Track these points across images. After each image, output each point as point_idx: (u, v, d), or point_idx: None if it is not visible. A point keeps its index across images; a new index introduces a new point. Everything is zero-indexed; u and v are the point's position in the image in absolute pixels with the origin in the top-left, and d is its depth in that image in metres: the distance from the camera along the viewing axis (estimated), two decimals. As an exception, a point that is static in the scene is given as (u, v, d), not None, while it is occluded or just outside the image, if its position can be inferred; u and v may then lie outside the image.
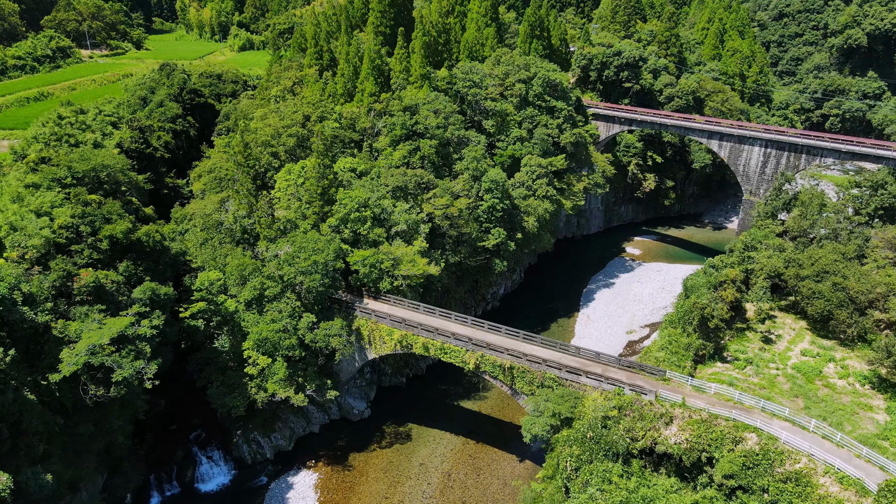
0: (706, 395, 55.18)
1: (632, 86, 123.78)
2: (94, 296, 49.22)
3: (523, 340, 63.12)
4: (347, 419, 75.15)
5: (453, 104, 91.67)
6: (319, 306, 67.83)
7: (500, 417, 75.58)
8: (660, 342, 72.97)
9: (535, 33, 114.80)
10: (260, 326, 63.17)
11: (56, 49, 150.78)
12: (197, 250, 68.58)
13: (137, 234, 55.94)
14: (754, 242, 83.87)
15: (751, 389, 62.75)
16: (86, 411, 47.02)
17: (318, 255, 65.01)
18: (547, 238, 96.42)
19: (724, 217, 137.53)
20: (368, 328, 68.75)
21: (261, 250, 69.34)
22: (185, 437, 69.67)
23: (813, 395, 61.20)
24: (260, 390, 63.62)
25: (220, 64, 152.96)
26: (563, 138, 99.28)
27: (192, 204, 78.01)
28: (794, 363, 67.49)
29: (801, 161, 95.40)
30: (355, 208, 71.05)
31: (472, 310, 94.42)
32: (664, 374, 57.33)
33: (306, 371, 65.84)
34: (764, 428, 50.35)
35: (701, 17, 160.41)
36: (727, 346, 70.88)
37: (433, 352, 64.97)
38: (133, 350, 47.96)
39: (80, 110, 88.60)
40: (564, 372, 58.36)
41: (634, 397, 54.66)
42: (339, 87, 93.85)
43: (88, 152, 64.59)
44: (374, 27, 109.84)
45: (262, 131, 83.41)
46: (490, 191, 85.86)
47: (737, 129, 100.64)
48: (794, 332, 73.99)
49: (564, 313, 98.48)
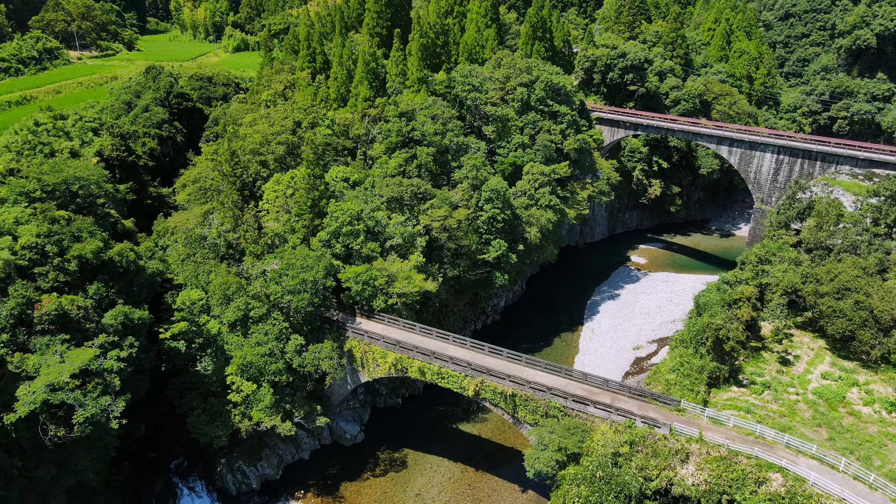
0: (725, 428, 50.98)
1: (637, 89, 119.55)
2: (57, 324, 45.01)
3: (526, 365, 58.99)
4: (340, 444, 70.92)
5: (452, 109, 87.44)
6: (309, 327, 63.62)
7: (502, 442, 71.39)
8: (670, 363, 68.92)
9: (537, 34, 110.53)
10: (244, 350, 58.96)
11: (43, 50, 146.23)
12: (178, 267, 64.31)
13: (109, 254, 51.67)
14: (768, 255, 79.71)
15: (770, 417, 58.65)
16: (47, 452, 42.82)
17: (307, 272, 60.86)
18: (550, 249, 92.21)
19: (731, 224, 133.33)
20: (361, 350, 64.53)
21: (246, 267, 65.10)
22: (165, 465, 65.44)
23: (837, 424, 57.11)
24: (244, 418, 59.40)
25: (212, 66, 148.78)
26: (566, 144, 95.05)
27: (176, 216, 73.77)
28: (815, 387, 63.42)
29: (815, 168, 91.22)
30: (347, 221, 66.84)
31: (472, 323, 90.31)
32: (678, 403, 53.14)
33: (294, 397, 61.63)
34: (790, 467, 46.20)
35: (707, 17, 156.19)
36: (742, 368, 66.81)
37: (430, 377, 60.76)
38: (100, 384, 43.72)
39: (59, 116, 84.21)
40: (570, 401, 54.17)
41: (647, 431, 50.48)
42: (332, 91, 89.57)
43: (61, 163, 60.31)
44: (369, 28, 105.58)
45: (251, 138, 79.17)
46: (490, 200, 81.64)
47: (748, 135, 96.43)
48: (813, 352, 69.88)
49: (568, 327, 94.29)
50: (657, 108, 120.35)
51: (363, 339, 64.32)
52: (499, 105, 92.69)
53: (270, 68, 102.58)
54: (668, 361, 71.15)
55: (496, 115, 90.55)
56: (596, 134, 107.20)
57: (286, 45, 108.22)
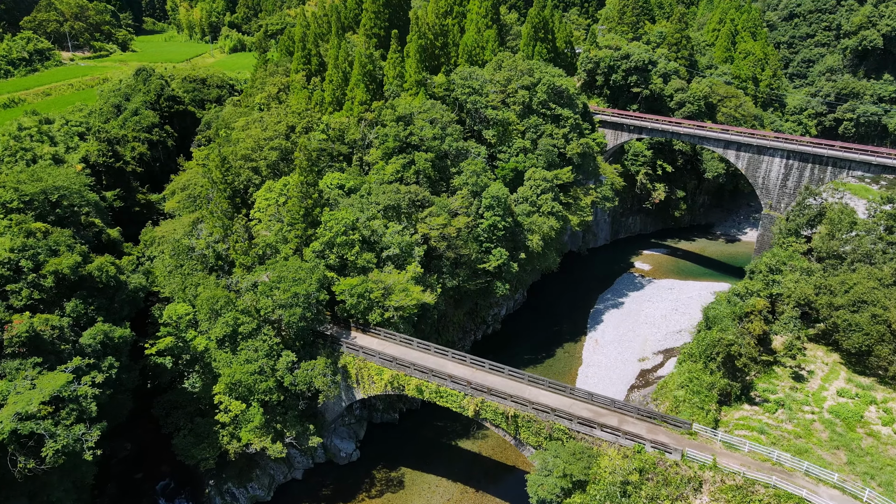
0: (740, 454, 48.16)
1: (641, 91, 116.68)
2: (28, 347, 42.19)
3: (528, 383, 56.14)
4: (334, 462, 68.07)
5: (451, 113, 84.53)
6: (301, 342, 60.78)
7: (503, 461, 68.55)
8: (679, 378, 66.15)
9: (539, 35, 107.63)
10: (233, 368, 56.10)
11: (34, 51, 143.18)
12: (165, 279, 61.45)
13: (88, 269, 48.81)
14: (778, 264, 76.90)
15: (785, 439, 55.86)
16: (17, 484, 40.00)
17: (299, 285, 58.01)
18: (552, 257, 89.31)
19: (736, 229, 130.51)
20: (356, 366, 61.70)
21: (236, 279, 62.23)
22: (151, 486, 62.57)
23: (856, 446, 54.39)
24: (233, 439, 56.55)
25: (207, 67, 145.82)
26: (569, 149, 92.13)
27: (164, 225, 70.89)
28: (831, 406, 60.72)
29: (826, 173, 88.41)
30: (342, 231, 63.94)
31: (472, 333, 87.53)
32: (690, 426, 50.30)
33: (285, 416, 58.80)
34: (811, 498, 43.40)
35: (711, 17, 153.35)
36: (754, 385, 64.10)
37: (427, 395, 57.93)
38: (75, 410, 40.88)
39: (45, 120, 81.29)
40: (576, 423, 51.33)
41: (657, 457, 47.67)
42: (328, 94, 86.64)
43: (41, 171, 57.46)
44: (366, 29, 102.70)
45: (243, 143, 76.35)
46: (491, 208, 78.80)
47: (756, 139, 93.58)
48: (828, 367, 67.16)
49: (570, 337, 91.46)
50: (661, 111, 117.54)
51: (358, 354, 61.51)
52: (500, 108, 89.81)
53: (265, 70, 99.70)
54: (677, 377, 68.41)
55: (497, 118, 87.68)
56: (599, 137, 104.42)
57: (281, 46, 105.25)
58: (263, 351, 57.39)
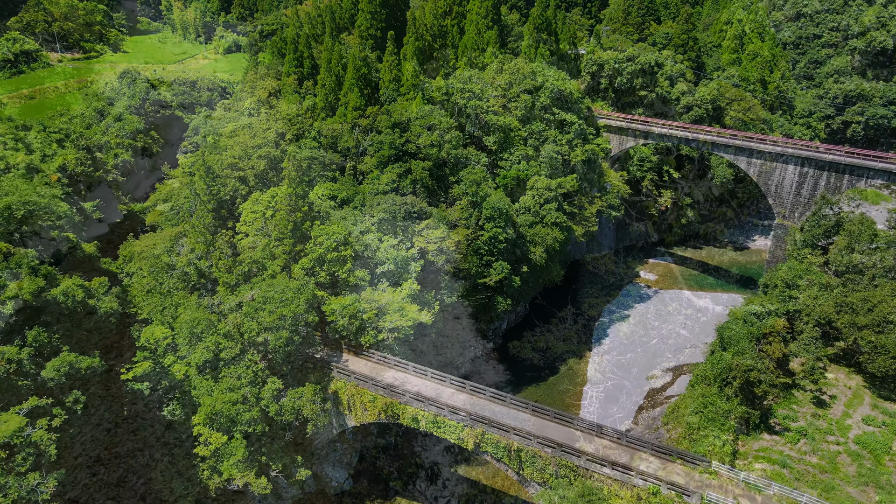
0: (763, 498, 44.09)
1: (647, 94, 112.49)
2: (-21, 385, 38.28)
3: (532, 413, 52.08)
4: (325, 492, 63.99)
5: (450, 118, 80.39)
6: (289, 367, 56.68)
7: (505, 490, 64.51)
8: (692, 403, 62.17)
9: (542, 37, 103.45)
10: (214, 397, 51.98)
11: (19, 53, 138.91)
12: (142, 299, 57.30)
13: (53, 293, 44.73)
14: (795, 279, 72.81)
15: (809, 473, 51.83)
16: (-35, 540, 36.03)
17: (286, 306, 53.92)
18: (556, 269, 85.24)
19: (745, 237, 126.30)
20: (348, 392, 57.61)
21: (218, 300, 58.10)
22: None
23: (886, 481, 50.48)
24: (213, 474, 52.45)
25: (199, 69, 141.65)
26: (573, 156, 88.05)
27: (144, 239, 66.72)
28: (857, 435, 56.70)
29: (843, 182, 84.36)
30: (333, 247, 59.88)
31: (471, 350, 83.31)
32: (709, 464, 46.20)
33: (271, 447, 54.66)
34: (845, 551, 39.42)
35: (718, 17, 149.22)
36: (773, 411, 60.10)
37: (424, 425, 53.85)
38: (31, 455, 36.80)
39: (21, 126, 77.11)
40: (584, 460, 47.26)
41: (674, 500, 43.61)
42: (320, 99, 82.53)
43: (7, 184, 53.29)
44: (362, 30, 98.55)
45: (230, 151, 72.26)
46: (492, 219, 74.72)
47: (769, 146, 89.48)
48: (851, 391, 63.12)
49: (574, 353, 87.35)
50: (668, 115, 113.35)
51: (350, 380, 57.44)
52: (501, 114, 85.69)
53: (255, 73, 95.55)
54: (689, 401, 64.44)
55: (498, 124, 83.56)
56: (604, 143, 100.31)
57: (272, 47, 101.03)
58: (247, 378, 53.27)
